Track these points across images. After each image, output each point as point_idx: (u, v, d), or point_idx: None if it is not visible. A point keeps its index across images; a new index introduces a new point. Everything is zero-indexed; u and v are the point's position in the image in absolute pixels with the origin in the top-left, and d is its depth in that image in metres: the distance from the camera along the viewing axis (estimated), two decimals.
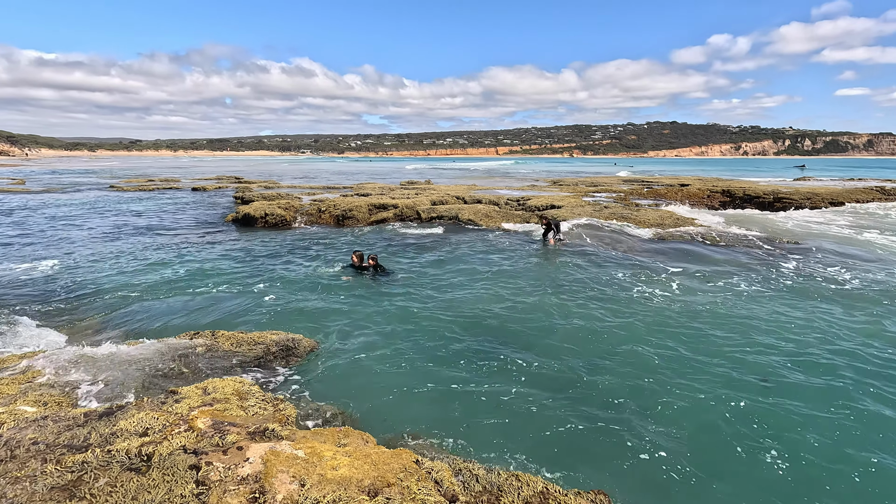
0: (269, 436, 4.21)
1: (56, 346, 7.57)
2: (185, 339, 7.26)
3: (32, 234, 17.37)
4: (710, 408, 6.04)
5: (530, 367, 7.13)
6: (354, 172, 71.70)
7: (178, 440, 3.98)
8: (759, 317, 9.13)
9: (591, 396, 6.32)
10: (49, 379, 5.78)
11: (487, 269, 12.57)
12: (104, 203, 27.46)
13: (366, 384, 6.62)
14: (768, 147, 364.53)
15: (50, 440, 4.03)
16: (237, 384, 5.44)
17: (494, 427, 5.61)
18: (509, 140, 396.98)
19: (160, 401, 4.88)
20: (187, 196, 32.26)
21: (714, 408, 6.03)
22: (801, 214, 22.39)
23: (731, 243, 15.36)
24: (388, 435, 5.30)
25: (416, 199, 23.89)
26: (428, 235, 17.47)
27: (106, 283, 11.23)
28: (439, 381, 6.71)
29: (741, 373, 6.93)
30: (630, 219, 18.25)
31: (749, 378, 6.77)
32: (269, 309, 9.63)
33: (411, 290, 10.82)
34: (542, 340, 8.16)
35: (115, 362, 6.34)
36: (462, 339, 8.16)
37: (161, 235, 17.45)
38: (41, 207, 25.08)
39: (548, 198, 24.50)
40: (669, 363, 7.24)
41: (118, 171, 66.59)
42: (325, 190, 33.50)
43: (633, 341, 8.04)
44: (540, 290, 10.85)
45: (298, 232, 18.63)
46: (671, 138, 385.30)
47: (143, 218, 21.84)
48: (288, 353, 7.22)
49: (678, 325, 8.73)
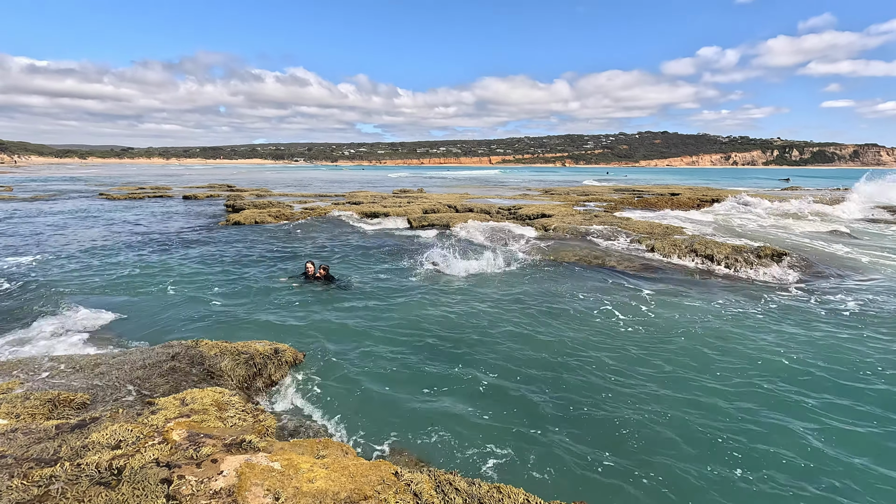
0: (246, 447, 4.12)
1: (34, 351, 7.41)
2: (167, 349, 7.13)
3: (13, 241, 17.13)
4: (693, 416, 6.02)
5: (514, 378, 7.09)
6: (347, 181, 71.66)
7: (151, 453, 3.88)
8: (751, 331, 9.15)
9: (572, 407, 6.28)
10: (25, 389, 5.64)
11: (470, 277, 12.55)
12: (92, 211, 27.18)
13: (349, 395, 6.54)
14: (757, 157, 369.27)
15: (18, 454, 3.92)
16: (217, 395, 5.34)
17: (476, 439, 5.54)
18: (502, 149, 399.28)
19: (136, 412, 4.77)
20: (178, 204, 32.02)
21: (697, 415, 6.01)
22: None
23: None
24: (368, 446, 5.22)
25: (408, 207, 23.89)
26: (411, 238, 17.43)
27: (88, 289, 11.06)
28: (422, 392, 6.64)
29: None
30: (619, 227, 18.33)
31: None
32: (247, 319, 9.53)
33: (387, 301, 10.76)
34: (521, 351, 8.13)
35: (94, 371, 6.22)
36: (443, 350, 8.11)
37: (146, 244, 17.27)
38: (27, 215, 24.77)
39: (539, 206, 24.59)
40: (635, 372, 7.23)
41: (109, 179, 66.05)
42: (318, 198, 33.41)
43: (592, 349, 8.03)
44: (522, 301, 10.83)
45: (285, 236, 18.53)
46: (662, 148, 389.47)
47: (130, 226, 21.62)
48: (272, 363, 7.11)
49: (654, 341, 8.72)
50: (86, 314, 9.58)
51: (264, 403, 6.29)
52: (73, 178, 66.59)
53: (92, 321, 9.21)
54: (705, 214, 25.23)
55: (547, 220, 19.87)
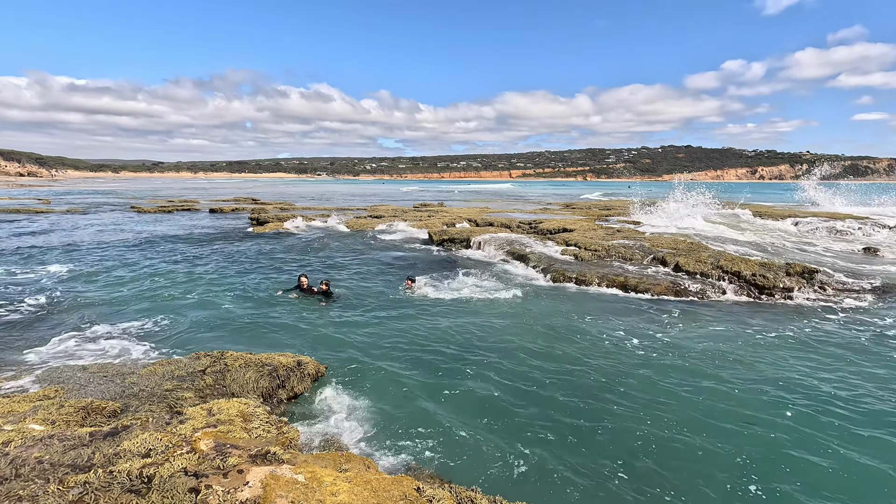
0: (271, 459, 4.18)
1: (67, 360, 7.67)
2: (195, 360, 7.30)
3: (48, 252, 17.83)
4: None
5: (533, 396, 7.02)
6: (368, 195, 72.60)
7: (180, 462, 3.97)
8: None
9: (594, 427, 6.18)
10: (60, 397, 5.85)
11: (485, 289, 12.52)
12: (124, 224, 28.14)
13: (369, 408, 6.57)
14: (785, 171, 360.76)
15: (54, 459, 4.06)
16: (242, 405, 5.44)
17: (497, 455, 5.50)
18: (522, 163, 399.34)
19: (165, 421, 4.89)
20: (205, 217, 32.90)
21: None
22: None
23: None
24: (389, 460, 5.23)
25: (429, 221, 24.05)
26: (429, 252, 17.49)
27: (118, 300, 11.42)
28: (442, 408, 6.63)
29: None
30: (642, 242, 18.09)
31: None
32: (269, 330, 9.69)
33: (407, 316, 10.81)
34: (541, 369, 8.05)
35: (125, 380, 6.41)
36: (461, 366, 8.09)
37: (173, 256, 17.76)
38: (62, 227, 25.78)
39: (560, 221, 24.47)
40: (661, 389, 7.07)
41: (139, 192, 68.37)
42: (339, 212, 33.92)
43: (613, 370, 7.88)
44: (546, 319, 10.74)
45: (307, 244, 18.83)
46: (686, 162, 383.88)
47: (159, 238, 22.29)
48: (295, 375, 7.21)
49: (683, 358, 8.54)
50: (117, 324, 9.88)
51: (287, 415, 6.37)
52: (107, 192, 69.12)
53: (123, 331, 9.49)
54: (734, 231, 24.70)
55: (568, 235, 19.74)
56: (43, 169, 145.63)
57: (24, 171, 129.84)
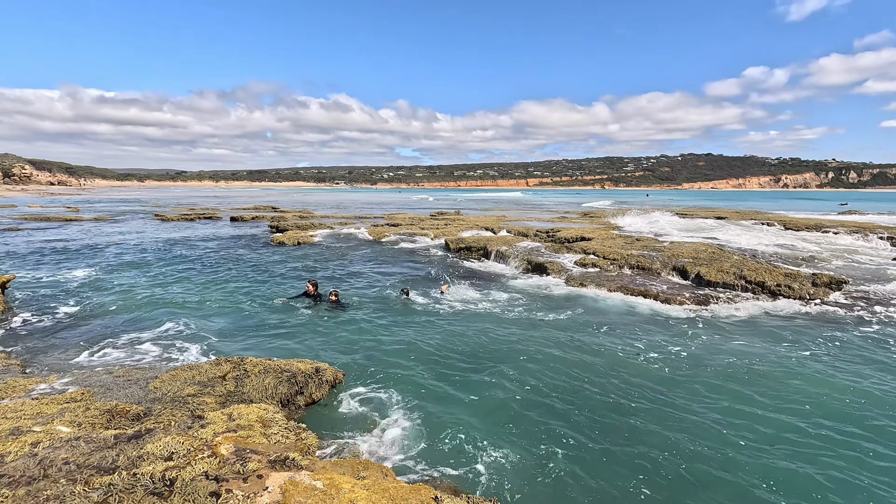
0: (290, 465, 4.20)
1: (94, 362, 7.85)
2: (216, 365, 7.41)
3: (77, 256, 18.35)
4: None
5: (551, 407, 6.94)
6: (386, 203, 73.15)
7: (201, 466, 4.02)
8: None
9: (612, 440, 6.07)
10: (86, 400, 5.99)
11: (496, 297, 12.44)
12: (148, 231, 28.84)
13: (386, 416, 6.56)
14: (810, 179, 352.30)
15: (81, 461, 4.15)
16: (261, 411, 5.49)
17: (514, 467, 5.43)
18: (539, 172, 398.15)
19: (186, 425, 4.96)
20: (226, 225, 33.52)
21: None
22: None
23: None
24: (406, 468, 5.21)
25: (446, 229, 24.10)
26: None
27: (142, 305, 11.67)
28: (460, 417, 6.59)
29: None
30: (663, 252, 17.82)
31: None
32: (286, 336, 9.77)
33: (424, 325, 10.80)
34: (559, 380, 7.95)
35: (149, 384, 6.53)
36: (479, 376, 8.04)
37: (195, 263, 18.11)
38: (90, 234, 26.53)
39: (578, 230, 24.29)
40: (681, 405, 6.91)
41: (163, 201, 70.07)
42: (357, 220, 34.23)
43: (632, 383, 7.73)
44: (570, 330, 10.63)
45: (325, 254, 19.01)
46: (706, 170, 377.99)
47: (181, 246, 22.77)
48: (313, 381, 7.25)
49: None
50: (141, 329, 10.09)
51: (305, 422, 6.40)
52: (132, 200, 71.00)
53: (146, 336, 9.69)
54: (758, 240, 24.18)
55: (586, 244, 19.56)
56: (72, 178, 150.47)
57: (54, 181, 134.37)
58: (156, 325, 10.29)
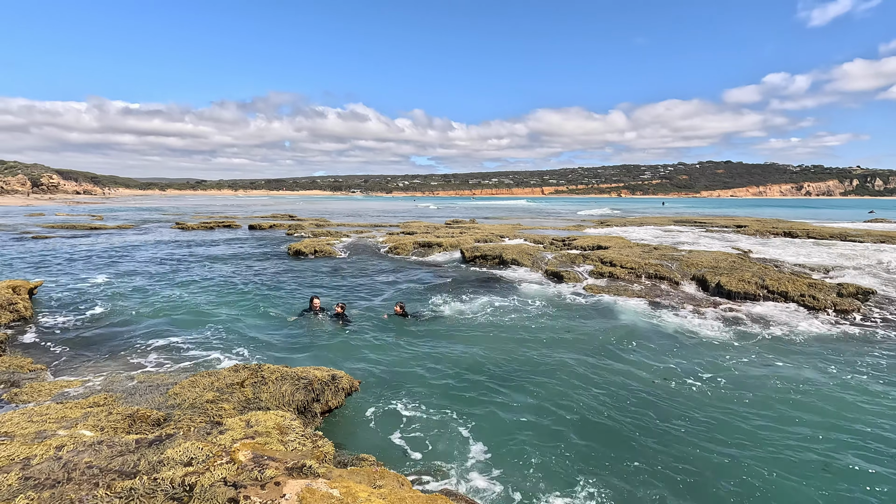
0: (307, 472, 4.21)
1: (117, 367, 8.01)
2: (234, 372, 7.49)
3: (101, 264, 18.80)
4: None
5: (569, 419, 6.85)
6: (401, 211, 73.55)
7: (220, 472, 4.05)
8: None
9: (632, 455, 5.96)
10: (108, 404, 6.10)
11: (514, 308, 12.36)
12: (169, 239, 29.43)
13: (403, 425, 6.55)
14: (834, 187, 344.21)
15: (103, 465, 4.22)
16: (279, 418, 5.52)
17: (531, 482, 5.36)
18: (555, 180, 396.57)
19: (206, 431, 5.02)
20: (244, 234, 34.05)
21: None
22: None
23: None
24: (422, 479, 5.18)
25: (461, 237, 24.12)
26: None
27: (161, 312, 11.88)
28: (475, 428, 6.54)
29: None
30: (681, 261, 17.56)
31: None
32: (302, 345, 9.84)
33: (440, 334, 10.77)
34: (578, 391, 7.85)
35: (169, 390, 6.63)
36: (494, 386, 7.98)
37: (213, 270, 18.41)
38: (113, 242, 27.19)
39: (594, 238, 24.08)
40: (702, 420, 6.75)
41: (183, 209, 71.53)
42: (373, 228, 34.47)
43: (653, 397, 7.57)
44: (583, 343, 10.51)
45: (340, 265, 19.16)
46: (726, 178, 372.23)
47: (201, 254, 23.18)
48: (329, 389, 7.28)
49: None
50: (162, 335, 10.27)
51: (321, 429, 6.43)
52: (153, 209, 72.64)
53: (167, 342, 9.85)
54: (774, 247, 23.69)
55: (603, 253, 19.37)
56: (97, 187, 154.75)
57: (80, 190, 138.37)
58: (176, 333, 10.47)
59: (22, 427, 5.14)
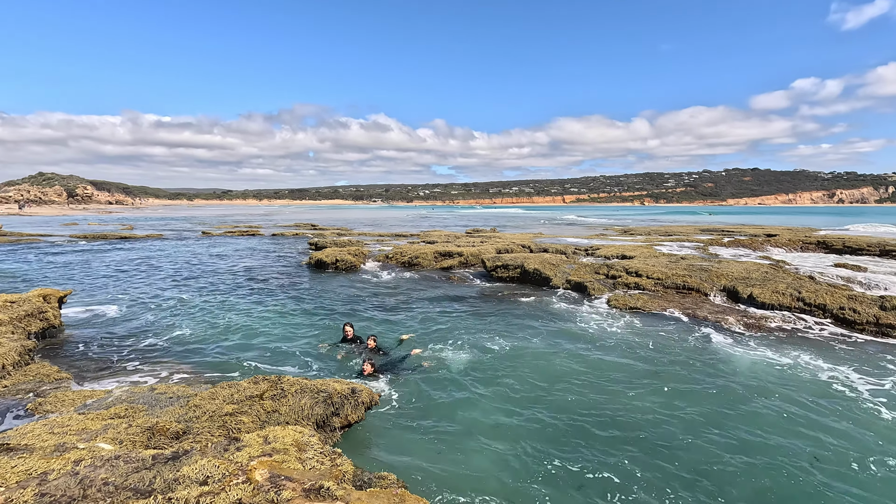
0: (324, 494, 4.05)
1: (136, 379, 8.04)
2: (254, 384, 7.42)
3: (131, 272, 19.19)
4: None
5: (612, 439, 6.54)
6: (421, 220, 73.71)
7: (235, 492, 3.92)
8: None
9: (674, 481, 5.63)
10: (128, 417, 6.07)
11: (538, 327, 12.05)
12: (195, 247, 30.00)
13: (423, 444, 6.35)
14: (868, 194, 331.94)
15: (118, 482, 4.14)
16: (297, 434, 5.39)
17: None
18: (576, 188, 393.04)
19: (223, 447, 4.91)
20: (268, 242, 34.51)
21: None
22: None
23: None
24: (445, 502, 4.97)
25: (482, 247, 23.89)
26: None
27: (186, 323, 11.97)
28: (495, 447, 6.30)
29: None
30: (710, 271, 16.97)
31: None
32: (320, 355, 9.74)
33: (461, 351, 10.54)
34: (619, 414, 7.53)
35: (189, 402, 6.58)
36: (516, 406, 7.72)
37: (236, 278, 18.60)
38: (143, 250, 27.85)
39: (618, 247, 23.57)
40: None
41: (210, 218, 73.14)
42: (394, 237, 34.53)
43: (690, 419, 7.20)
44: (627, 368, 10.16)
45: (363, 277, 19.15)
46: (753, 185, 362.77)
47: (225, 261, 23.51)
48: (349, 403, 7.14)
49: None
50: (185, 345, 10.32)
51: (340, 445, 6.28)
52: (181, 218, 74.47)
53: (189, 351, 9.89)
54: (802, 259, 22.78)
55: (628, 263, 18.89)
56: (128, 197, 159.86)
57: (112, 200, 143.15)
58: (200, 343, 10.51)
59: (42, 439, 5.13)
